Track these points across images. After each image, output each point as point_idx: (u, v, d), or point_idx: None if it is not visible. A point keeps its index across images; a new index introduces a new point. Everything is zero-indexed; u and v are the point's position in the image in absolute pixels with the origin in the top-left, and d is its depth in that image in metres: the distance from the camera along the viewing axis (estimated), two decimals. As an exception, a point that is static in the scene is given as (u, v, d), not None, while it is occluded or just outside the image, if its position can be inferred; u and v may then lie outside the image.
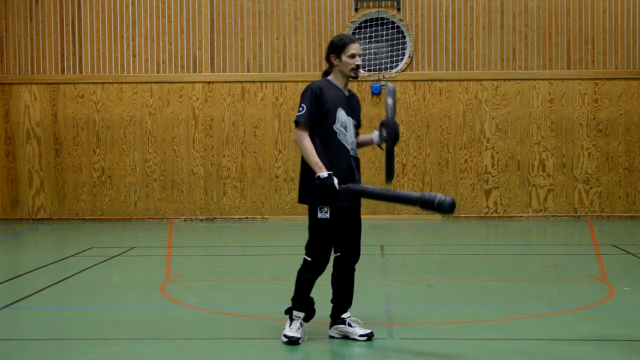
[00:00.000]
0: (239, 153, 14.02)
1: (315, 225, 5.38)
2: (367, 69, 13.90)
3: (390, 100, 5.41)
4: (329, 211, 5.33)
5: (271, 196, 14.00)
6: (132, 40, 14.04)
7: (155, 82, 14.00)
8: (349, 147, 5.44)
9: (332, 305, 5.57)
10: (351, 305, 5.58)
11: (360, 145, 5.65)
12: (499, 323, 5.99)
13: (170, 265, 9.05)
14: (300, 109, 5.37)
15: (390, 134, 5.33)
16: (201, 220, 13.99)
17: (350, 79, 5.53)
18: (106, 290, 7.64)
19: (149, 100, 14.01)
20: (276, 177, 13.98)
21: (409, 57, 13.87)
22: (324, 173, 5.24)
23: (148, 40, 14.04)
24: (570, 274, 8.47)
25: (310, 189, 5.34)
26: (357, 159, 5.51)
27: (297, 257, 8.89)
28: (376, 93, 13.78)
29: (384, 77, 13.78)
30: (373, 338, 5.45)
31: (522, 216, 13.86)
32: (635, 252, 9.78)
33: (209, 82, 14.00)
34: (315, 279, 5.46)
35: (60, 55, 14.06)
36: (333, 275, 5.54)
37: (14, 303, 6.89)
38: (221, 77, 14.00)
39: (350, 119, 5.48)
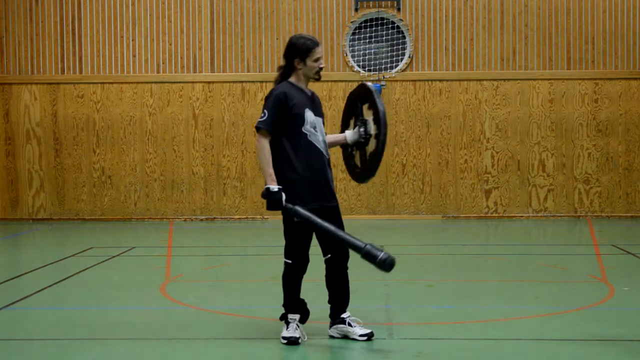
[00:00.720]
0: (239, 153, 14.02)
1: (290, 227, 5.40)
2: (367, 69, 13.90)
3: (378, 98, 5.46)
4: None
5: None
6: (132, 40, 14.04)
7: (155, 82, 14.00)
8: (320, 147, 5.46)
9: (330, 306, 5.56)
10: (349, 304, 5.58)
11: (330, 145, 5.65)
12: (499, 323, 6.00)
13: (170, 265, 9.05)
14: (262, 115, 5.39)
15: (383, 130, 5.40)
16: (201, 220, 13.99)
17: (313, 81, 5.56)
18: (106, 290, 7.64)
19: (149, 100, 14.01)
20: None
21: (409, 57, 13.87)
22: (274, 187, 5.29)
23: (148, 40, 14.04)
24: (570, 274, 8.47)
25: (285, 193, 5.34)
26: (328, 158, 5.53)
27: (297, 257, 8.90)
28: (376, 93, 13.75)
29: (384, 77, 13.77)
30: (373, 338, 5.45)
31: (522, 216, 13.86)
32: (635, 252, 9.78)
33: (209, 82, 14.00)
34: (300, 280, 5.47)
35: (60, 55, 14.06)
36: (326, 277, 5.54)
37: (14, 303, 6.89)
38: (221, 77, 13.99)
39: (318, 118, 5.51)
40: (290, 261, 5.43)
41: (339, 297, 5.52)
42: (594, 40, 13.80)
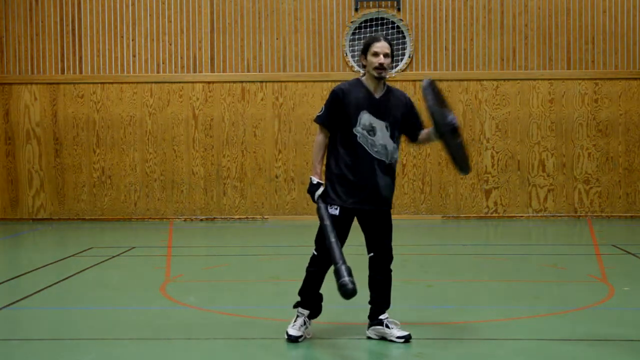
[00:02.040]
0: (239, 153, 14.02)
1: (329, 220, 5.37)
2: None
3: (429, 94, 5.25)
4: (338, 209, 5.34)
5: (271, 196, 14.00)
6: (132, 40, 14.04)
7: (155, 82, 14.00)
8: (371, 150, 5.36)
9: (369, 306, 5.55)
10: (389, 306, 5.55)
11: (422, 141, 5.59)
12: (499, 323, 5.99)
13: (170, 265, 9.05)
14: (321, 109, 5.45)
15: (438, 125, 5.19)
16: (201, 220, 13.99)
17: (378, 78, 5.40)
18: (106, 290, 7.64)
19: (149, 100, 14.01)
20: (276, 177, 13.98)
21: (409, 57, 13.87)
22: (314, 179, 5.38)
23: (148, 40, 14.04)
24: (570, 274, 8.47)
25: (325, 187, 5.40)
26: (383, 163, 5.39)
27: (297, 257, 8.90)
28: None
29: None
30: (411, 340, 5.42)
31: (522, 216, 13.86)
32: (635, 252, 9.78)
33: (209, 82, 14.00)
34: (321, 274, 5.45)
35: (60, 55, 14.06)
36: (369, 276, 5.52)
37: (14, 303, 6.89)
38: (221, 77, 14.00)
39: (380, 121, 5.37)
40: (316, 253, 5.43)
41: (379, 297, 5.50)
42: (594, 40, 13.80)
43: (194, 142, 14.03)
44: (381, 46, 5.34)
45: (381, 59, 5.33)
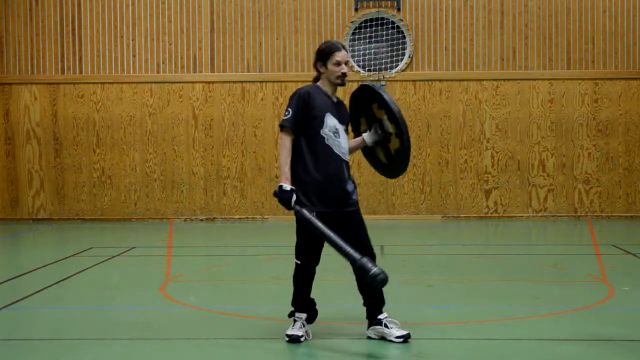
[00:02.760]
0: (239, 153, 14.02)
1: (301, 228, 5.41)
2: (367, 69, 13.90)
3: (386, 95, 5.45)
4: (314, 215, 5.31)
5: (271, 196, 13.97)
6: (132, 40, 14.04)
7: (155, 82, 14.00)
8: (338, 152, 5.42)
9: (365, 308, 5.54)
10: (384, 304, 5.53)
11: (351, 150, 5.64)
12: (499, 323, 5.99)
13: (170, 265, 9.05)
14: (287, 113, 5.40)
15: (404, 128, 5.40)
16: (201, 220, 13.99)
17: (338, 86, 5.52)
18: (106, 290, 7.64)
19: (149, 100, 14.02)
20: (276, 177, 13.97)
21: (409, 57, 13.87)
22: (286, 185, 5.30)
23: (148, 40, 14.04)
24: (570, 274, 8.47)
25: (297, 193, 5.35)
26: (347, 164, 5.50)
27: (297, 257, 8.90)
28: (376, 93, 13.76)
29: (384, 77, 13.77)
30: (409, 339, 5.41)
31: (522, 216, 13.86)
32: (635, 252, 9.78)
33: (209, 82, 14.00)
34: (309, 280, 5.47)
35: (60, 55, 14.06)
36: (356, 279, 5.47)
37: (14, 303, 6.89)
38: (221, 77, 14.00)
39: (340, 124, 5.47)
40: (299, 262, 5.44)
41: (372, 298, 5.49)
42: (594, 40, 13.80)
43: (194, 142, 14.03)
44: (342, 55, 5.44)
45: (343, 67, 5.46)
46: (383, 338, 5.47)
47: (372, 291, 5.45)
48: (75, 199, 14.10)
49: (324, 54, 5.45)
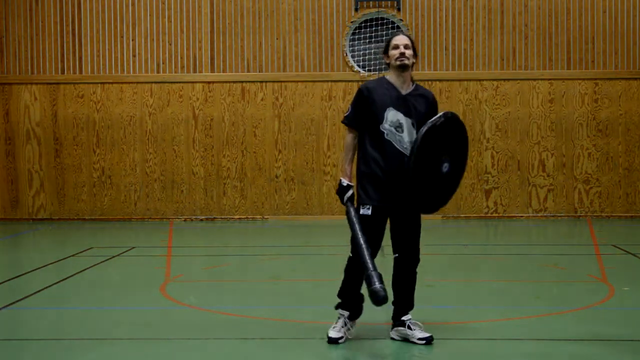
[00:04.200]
0: (239, 153, 14.02)
1: (359, 220, 5.33)
2: (367, 69, 13.90)
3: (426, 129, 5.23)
4: (370, 208, 5.32)
5: (271, 196, 14.00)
6: (132, 40, 14.04)
7: (155, 82, 14.00)
8: (400, 147, 5.32)
9: (392, 307, 5.53)
10: (412, 307, 5.53)
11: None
12: (499, 323, 5.99)
13: (170, 265, 9.04)
14: (348, 109, 5.46)
15: (412, 156, 5.24)
16: (201, 220, 13.99)
17: (401, 70, 5.40)
18: (106, 290, 7.64)
19: (149, 100, 14.02)
20: (276, 177, 13.98)
21: (409, 57, 13.85)
22: (344, 180, 5.37)
23: (148, 40, 14.04)
24: (570, 274, 8.47)
25: (357, 187, 5.40)
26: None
27: (297, 257, 8.91)
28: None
29: (384, 77, 13.76)
30: (432, 342, 5.39)
31: (522, 216, 13.86)
32: (635, 252, 9.78)
33: (209, 82, 14.00)
34: (359, 275, 5.36)
35: (60, 55, 14.06)
36: (393, 276, 5.49)
37: (14, 303, 6.89)
38: (221, 77, 14.00)
39: (406, 118, 5.36)
40: (352, 254, 5.39)
41: (402, 298, 5.48)
42: (594, 40, 13.80)
43: (194, 142, 14.03)
44: (400, 39, 5.45)
45: (401, 49, 5.40)
46: (406, 339, 5.45)
47: (405, 291, 5.46)
48: (75, 199, 14.10)
49: (386, 44, 5.49)
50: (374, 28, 13.93)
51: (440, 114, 5.34)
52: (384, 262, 5.51)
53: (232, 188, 14.04)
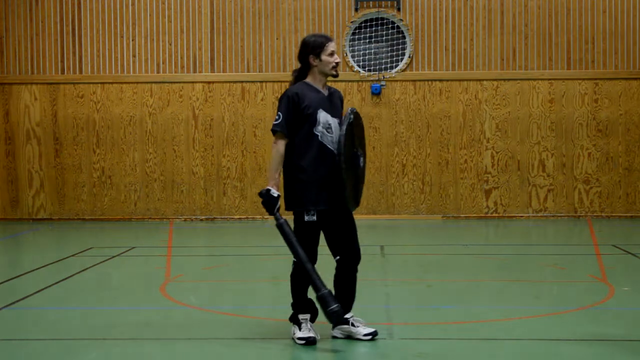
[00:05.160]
0: (239, 153, 14.02)
1: (302, 228, 5.38)
2: (367, 69, 13.90)
3: (345, 124, 5.35)
4: (315, 214, 5.34)
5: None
6: (132, 40, 14.04)
7: (155, 82, 14.00)
8: (332, 147, 5.38)
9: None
10: (352, 305, 5.58)
11: None
12: (499, 323, 5.99)
13: (170, 265, 9.05)
14: (277, 117, 5.38)
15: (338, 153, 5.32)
16: (201, 220, 13.99)
17: (331, 78, 5.49)
18: (106, 290, 7.64)
19: (149, 100, 14.02)
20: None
21: (409, 57, 13.87)
22: (274, 191, 5.31)
23: (148, 40, 14.04)
24: (570, 274, 8.47)
25: (295, 195, 5.36)
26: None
27: (297, 257, 8.89)
28: (376, 93, 13.78)
29: (384, 77, 13.77)
30: (377, 337, 5.44)
31: (522, 216, 13.86)
32: (635, 252, 9.78)
33: (209, 82, 14.00)
34: (306, 279, 5.45)
35: (60, 55, 14.06)
36: (335, 277, 5.53)
37: (14, 303, 6.89)
38: (221, 77, 14.00)
39: (334, 119, 5.44)
40: (295, 260, 5.41)
41: (345, 298, 5.49)
42: (594, 40, 13.80)
43: (194, 142, 14.03)
44: (334, 45, 5.48)
45: (337, 58, 5.46)
46: (349, 337, 5.46)
47: (347, 290, 5.52)
48: (75, 199, 14.10)
49: (316, 46, 5.44)
50: (374, 28, 13.93)
51: (347, 110, 5.47)
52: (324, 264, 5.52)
53: (232, 188, 14.04)
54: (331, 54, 5.43)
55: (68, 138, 14.05)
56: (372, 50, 13.93)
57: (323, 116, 5.39)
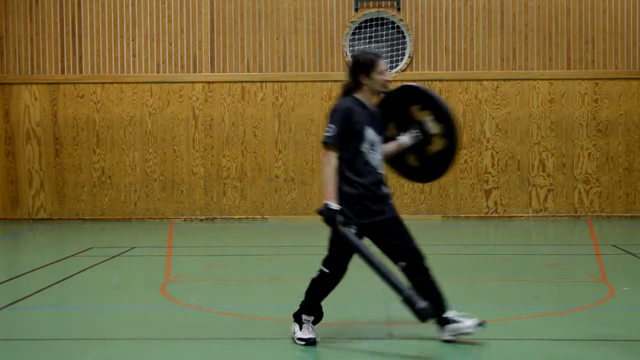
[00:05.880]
0: (239, 153, 14.02)
1: (338, 240, 5.29)
2: (367, 69, 13.88)
3: (436, 94, 5.56)
4: (356, 228, 5.28)
5: (271, 196, 14.00)
6: (132, 40, 14.04)
7: (155, 82, 14.00)
8: (376, 164, 5.36)
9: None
10: (445, 302, 5.48)
11: (388, 156, 5.57)
12: (499, 323, 5.99)
13: (170, 265, 9.05)
14: (329, 129, 5.28)
15: (454, 127, 5.51)
16: (201, 220, 13.99)
17: (380, 95, 5.49)
18: (106, 290, 7.64)
19: (149, 100, 14.02)
20: (276, 177, 13.98)
21: (409, 57, 13.87)
22: (334, 205, 5.19)
23: (148, 40, 14.04)
24: (570, 274, 8.47)
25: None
26: (383, 177, 5.44)
27: (297, 257, 8.90)
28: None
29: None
30: (486, 323, 5.38)
31: (522, 216, 13.86)
32: (635, 252, 9.78)
33: (209, 82, 14.00)
34: (332, 289, 5.43)
35: (60, 55, 14.06)
36: (413, 285, 5.39)
37: (14, 303, 6.89)
38: (221, 77, 14.00)
39: (378, 136, 5.40)
40: (328, 271, 5.36)
41: (434, 298, 5.39)
42: (594, 40, 13.80)
43: (194, 142, 14.03)
44: (385, 63, 5.45)
45: (388, 76, 5.45)
46: (460, 334, 5.40)
47: (431, 291, 5.42)
48: (75, 199, 14.10)
49: (367, 64, 5.37)
50: (374, 28, 13.93)
51: (424, 92, 5.66)
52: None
53: (232, 188, 14.04)
54: (382, 72, 5.39)
55: (68, 138, 14.05)
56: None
57: (370, 133, 5.35)
